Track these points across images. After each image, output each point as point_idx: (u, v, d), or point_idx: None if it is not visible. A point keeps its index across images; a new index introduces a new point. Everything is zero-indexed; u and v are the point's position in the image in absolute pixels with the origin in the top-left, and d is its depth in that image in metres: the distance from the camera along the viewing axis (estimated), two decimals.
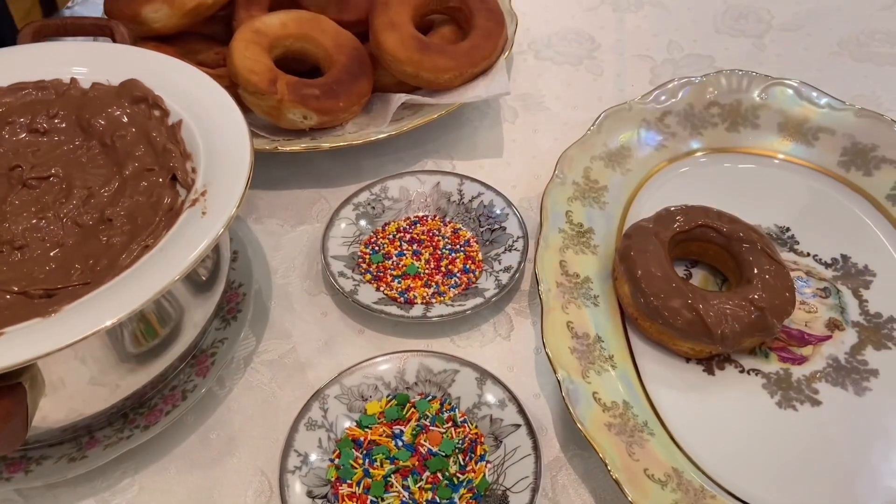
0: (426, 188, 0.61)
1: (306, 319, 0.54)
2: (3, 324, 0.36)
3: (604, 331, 0.50)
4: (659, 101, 0.64)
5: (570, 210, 0.56)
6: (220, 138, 0.46)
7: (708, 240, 0.53)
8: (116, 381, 0.43)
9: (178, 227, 0.41)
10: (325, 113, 0.61)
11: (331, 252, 0.55)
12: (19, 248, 0.42)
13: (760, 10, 0.82)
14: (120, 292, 0.37)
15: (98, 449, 0.44)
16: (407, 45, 0.63)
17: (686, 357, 0.49)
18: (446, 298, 0.53)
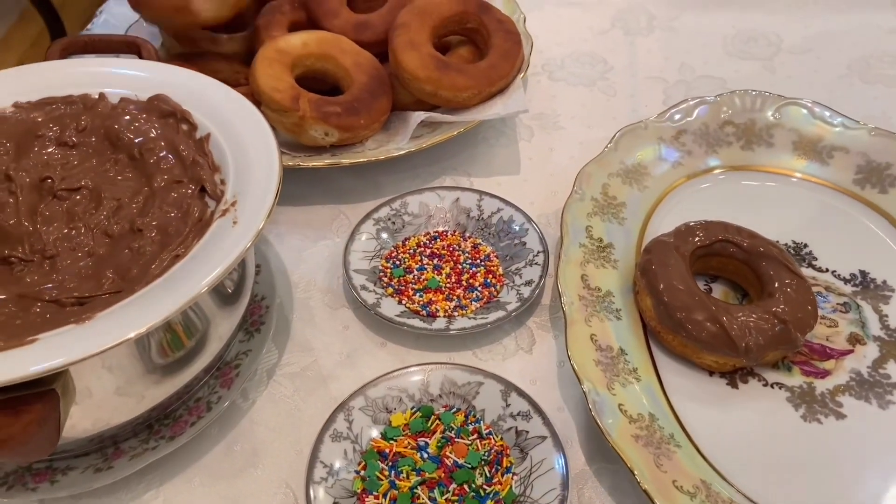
0: (445, 204, 0.61)
1: (328, 332, 0.54)
2: (36, 330, 0.37)
3: (627, 344, 0.50)
4: (674, 119, 0.65)
5: (589, 225, 0.57)
6: (247, 151, 0.47)
7: (728, 254, 0.53)
8: (142, 392, 0.43)
9: (209, 236, 0.41)
10: (346, 130, 0.62)
11: (352, 266, 0.56)
12: (50, 257, 0.42)
13: (769, 34, 0.84)
14: (153, 299, 0.38)
15: (124, 460, 0.44)
16: (426, 64, 0.64)
17: (709, 370, 0.50)
18: (468, 312, 0.53)
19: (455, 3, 0.68)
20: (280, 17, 0.72)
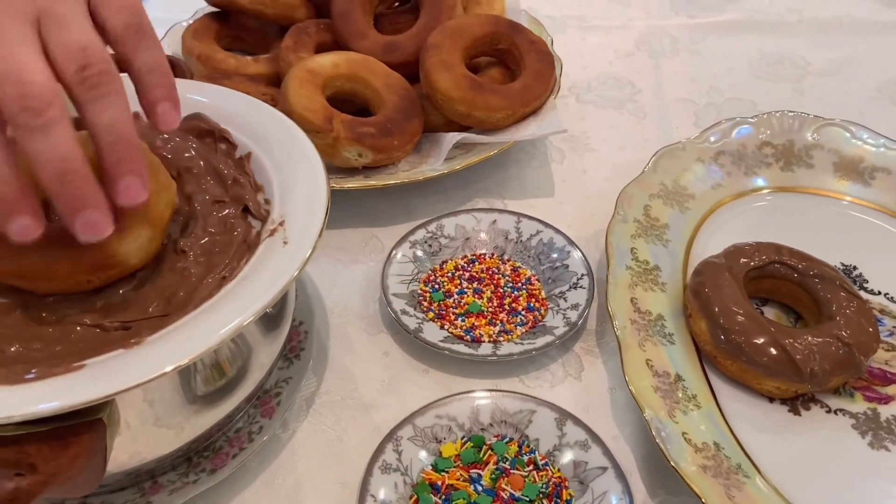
0: (483, 226, 0.60)
1: (367, 359, 0.52)
2: (81, 356, 0.35)
3: (683, 370, 0.48)
4: (711, 140, 0.64)
5: (634, 247, 0.55)
6: (291, 169, 0.45)
7: (781, 276, 0.51)
8: (182, 423, 0.41)
9: (259, 256, 0.40)
10: (380, 151, 0.61)
11: (391, 290, 0.54)
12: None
13: (795, 57, 0.83)
14: (206, 321, 0.36)
15: (163, 494, 0.42)
16: (460, 84, 0.63)
17: (769, 397, 0.48)
18: (514, 337, 0.52)
19: (487, 24, 0.67)
20: (306, 39, 0.71)
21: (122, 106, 0.33)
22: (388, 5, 0.76)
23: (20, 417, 0.31)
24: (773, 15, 0.91)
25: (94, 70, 0.32)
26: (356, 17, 0.71)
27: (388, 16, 0.75)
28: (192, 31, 0.74)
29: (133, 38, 0.34)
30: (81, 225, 0.32)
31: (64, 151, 0.31)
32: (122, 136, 0.33)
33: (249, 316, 0.35)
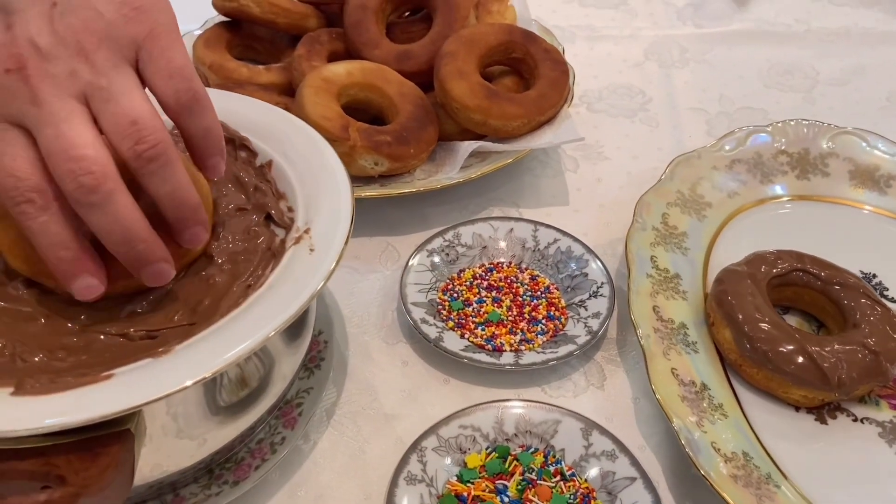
0: (499, 234, 0.59)
1: (387, 369, 0.52)
2: (108, 365, 0.34)
3: (708, 378, 0.48)
4: (725, 149, 0.64)
5: (654, 255, 0.55)
6: (314, 176, 0.45)
7: (804, 284, 0.51)
8: (204, 435, 0.40)
9: (286, 264, 0.39)
10: (396, 159, 0.60)
11: (409, 299, 0.53)
12: None
13: (805, 67, 0.84)
14: (235, 330, 0.35)
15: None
16: (476, 92, 0.63)
17: (795, 406, 0.47)
18: (535, 346, 0.51)
19: (501, 33, 0.67)
20: (319, 48, 0.71)
21: (180, 173, 0.34)
22: (399, 15, 0.76)
23: (49, 428, 0.31)
24: (780, 25, 0.91)
25: (147, 144, 0.32)
26: (369, 27, 0.70)
27: (400, 25, 0.75)
28: (203, 40, 0.74)
29: (186, 109, 0.34)
30: (148, 276, 0.35)
31: (127, 221, 0.32)
32: (184, 201, 0.35)
33: (279, 324, 0.35)
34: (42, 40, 0.31)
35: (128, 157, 0.32)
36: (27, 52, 0.31)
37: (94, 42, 0.32)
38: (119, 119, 0.32)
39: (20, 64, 0.31)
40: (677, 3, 0.97)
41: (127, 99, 0.32)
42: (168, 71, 0.33)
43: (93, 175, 0.31)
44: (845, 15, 0.93)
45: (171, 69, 0.33)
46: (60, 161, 0.31)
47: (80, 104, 0.32)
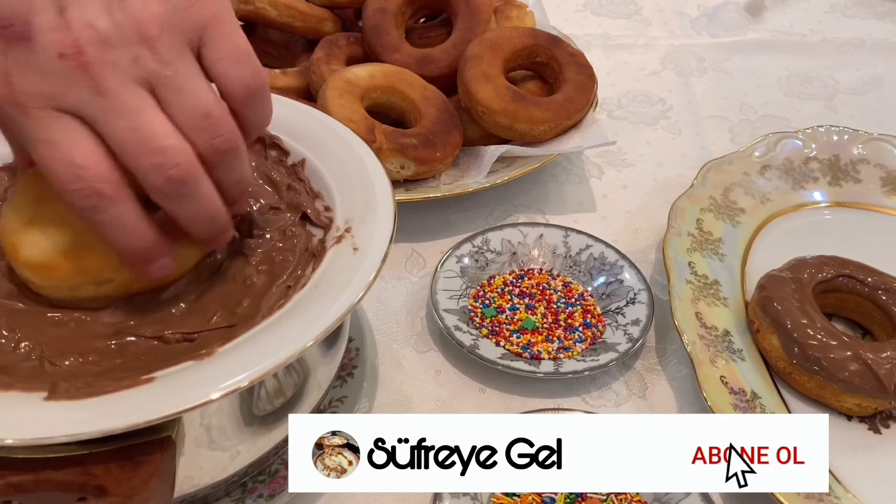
0: (529, 240, 0.57)
1: (419, 378, 0.49)
2: (146, 368, 0.32)
3: (756, 386, 0.46)
4: (755, 155, 0.63)
5: (691, 261, 0.53)
6: (349, 174, 0.43)
7: (849, 290, 0.50)
8: (237, 447, 0.38)
9: (328, 264, 0.37)
10: (423, 163, 0.59)
11: (441, 306, 0.51)
12: None
13: (824, 76, 0.83)
14: (280, 330, 0.33)
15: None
16: (502, 96, 0.61)
17: (847, 414, 0.46)
18: (574, 354, 0.49)
19: (526, 36, 0.66)
20: (337, 51, 0.69)
21: (247, 160, 0.34)
22: (415, 20, 0.75)
23: (89, 435, 0.28)
24: (796, 35, 0.91)
25: (223, 138, 0.31)
26: (388, 30, 0.69)
27: (418, 30, 0.74)
28: None
29: (252, 96, 0.33)
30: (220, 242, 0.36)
31: (212, 206, 0.32)
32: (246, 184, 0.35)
33: (329, 323, 0.33)
34: (101, 24, 0.29)
35: (203, 151, 0.31)
36: (85, 37, 0.28)
37: (156, 27, 0.30)
38: (192, 112, 0.30)
39: (77, 49, 0.28)
40: (690, 13, 0.96)
41: (197, 89, 0.31)
42: (235, 56, 0.31)
43: (180, 167, 0.30)
44: (857, 26, 0.93)
45: (238, 54, 0.32)
46: (141, 154, 0.29)
47: (147, 93, 0.30)
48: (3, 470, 0.29)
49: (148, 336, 0.35)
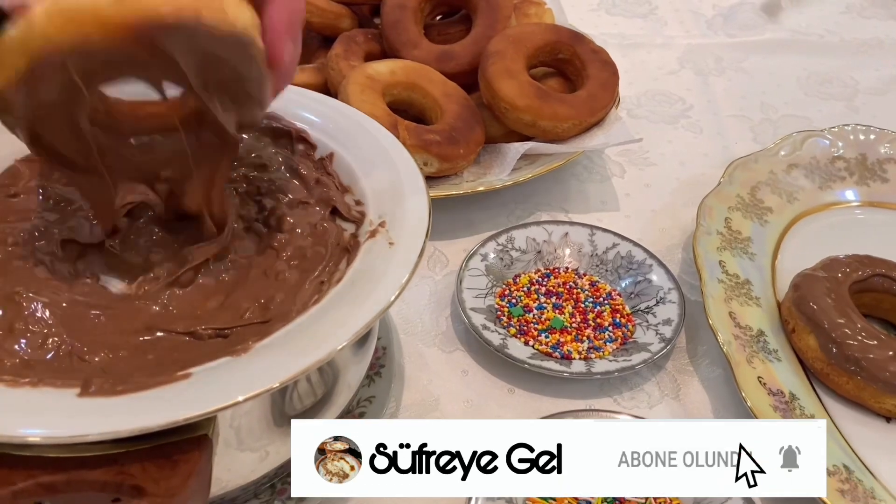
0: (554, 238, 0.56)
1: (446, 378, 0.48)
2: (180, 365, 0.31)
3: (794, 388, 0.45)
4: (781, 154, 0.62)
5: (722, 260, 0.52)
6: (378, 168, 0.42)
7: (885, 290, 0.49)
8: (266, 447, 0.37)
9: (363, 258, 0.36)
10: (446, 159, 0.58)
11: (468, 304, 0.50)
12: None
13: (844, 77, 0.82)
14: (318, 327, 0.32)
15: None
16: (526, 92, 0.60)
17: (887, 416, 0.45)
18: (605, 354, 0.48)
19: (549, 33, 0.65)
20: (355, 47, 0.68)
21: None
22: (433, 17, 0.74)
23: (126, 433, 0.27)
24: (813, 35, 0.90)
25: None
26: (408, 27, 0.68)
27: (436, 27, 0.73)
28: None
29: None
30: None
31: None
32: None
33: (369, 319, 0.32)
34: None
35: None
36: None
37: None
38: None
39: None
40: (706, 13, 0.95)
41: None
42: None
43: None
44: (874, 27, 0.93)
45: None
46: None
47: None
48: (35, 470, 0.28)
49: (180, 332, 0.34)
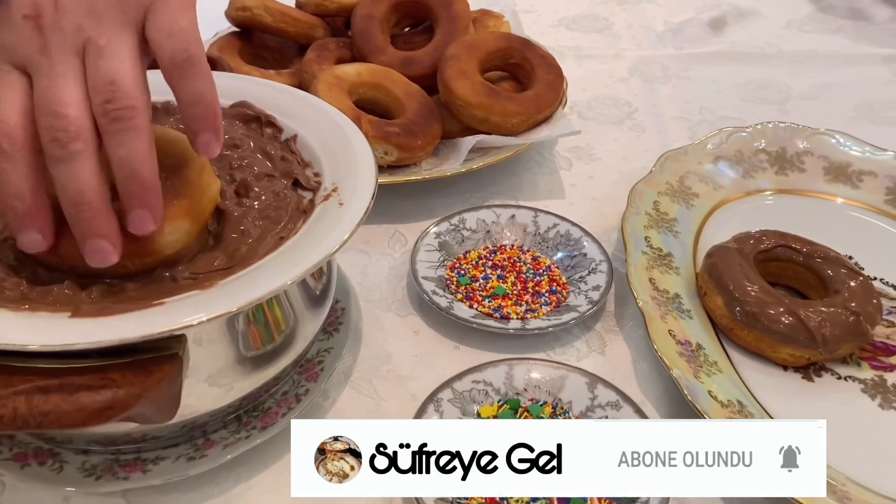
0: (502, 220, 0.63)
1: (399, 337, 0.54)
2: (157, 296, 0.37)
3: (702, 340, 0.51)
4: (709, 147, 0.69)
5: (647, 236, 0.58)
6: (336, 145, 0.48)
7: (788, 259, 0.55)
8: (231, 383, 0.42)
9: (317, 216, 0.42)
10: (404, 149, 0.64)
11: (420, 273, 0.56)
12: None
13: (778, 84, 0.90)
14: (275, 267, 0.38)
15: (216, 449, 0.43)
16: (477, 90, 0.67)
17: (784, 365, 0.51)
18: (539, 315, 0.54)
19: (500, 40, 0.72)
20: (327, 54, 0.75)
21: (140, 141, 0.33)
22: (401, 28, 0.81)
23: (107, 342, 0.33)
24: (754, 48, 0.98)
25: (117, 105, 0.32)
26: (375, 35, 0.75)
27: (403, 36, 0.80)
28: (217, 46, 0.77)
29: (179, 69, 0.34)
30: (89, 251, 0.34)
31: (81, 183, 0.33)
32: (135, 172, 0.33)
33: (320, 258, 0.38)
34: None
35: (96, 113, 0.33)
36: (46, 4, 0.33)
37: (106, 2, 0.34)
38: (101, 76, 0.33)
39: (37, 12, 0.33)
40: (657, 27, 1.03)
41: (116, 60, 0.33)
42: (168, 30, 0.34)
43: (67, 133, 0.32)
44: (812, 40, 1.01)
45: (172, 29, 0.34)
46: (43, 114, 0.32)
47: (79, 61, 0.33)
48: (33, 376, 0.33)
49: (166, 277, 0.39)
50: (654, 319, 0.50)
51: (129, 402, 0.32)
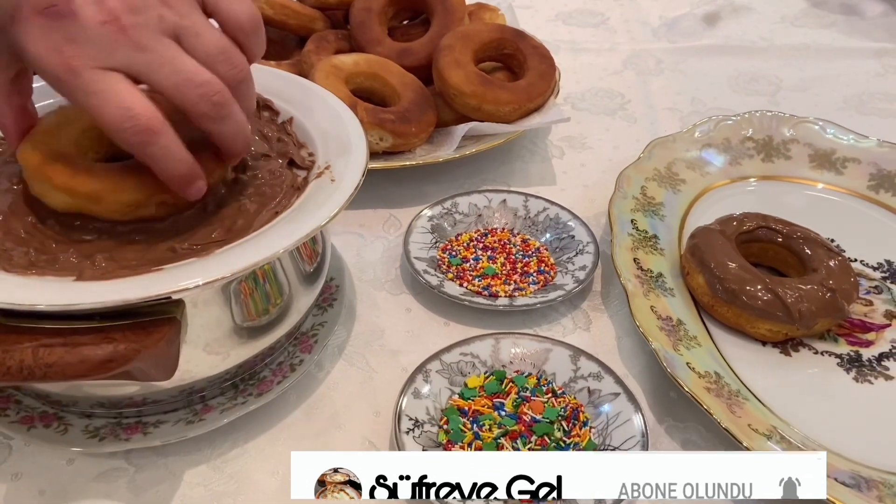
0: (493, 204, 0.65)
1: (392, 314, 0.56)
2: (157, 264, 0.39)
3: (683, 316, 0.53)
4: (697, 135, 0.71)
5: (634, 219, 0.60)
6: (330, 127, 0.50)
7: (768, 240, 0.57)
8: (228, 351, 0.44)
9: (310, 192, 0.44)
10: (399, 135, 0.66)
11: (412, 254, 0.58)
12: None
13: (769, 76, 0.91)
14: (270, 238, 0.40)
15: (214, 413, 0.45)
16: (471, 79, 0.69)
17: (762, 340, 0.52)
18: (527, 293, 0.56)
19: (494, 31, 0.74)
20: (326, 45, 0.77)
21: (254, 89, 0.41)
22: (398, 21, 0.83)
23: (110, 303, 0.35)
24: (746, 42, 0.99)
25: (238, 68, 0.39)
26: (372, 27, 0.77)
27: (400, 29, 0.82)
28: None
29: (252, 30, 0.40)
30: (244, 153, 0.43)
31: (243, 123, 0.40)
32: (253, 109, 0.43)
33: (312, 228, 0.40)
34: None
35: (227, 80, 0.38)
36: (118, 7, 0.36)
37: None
38: (210, 49, 0.38)
39: (114, 16, 0.36)
40: (652, 22, 1.05)
41: (211, 33, 0.38)
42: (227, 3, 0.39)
43: (220, 94, 0.37)
44: (804, 34, 1.02)
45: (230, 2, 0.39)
46: (189, 89, 0.37)
47: (174, 42, 0.37)
48: (40, 335, 0.35)
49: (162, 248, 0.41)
50: (637, 296, 0.52)
51: (128, 356, 0.34)
